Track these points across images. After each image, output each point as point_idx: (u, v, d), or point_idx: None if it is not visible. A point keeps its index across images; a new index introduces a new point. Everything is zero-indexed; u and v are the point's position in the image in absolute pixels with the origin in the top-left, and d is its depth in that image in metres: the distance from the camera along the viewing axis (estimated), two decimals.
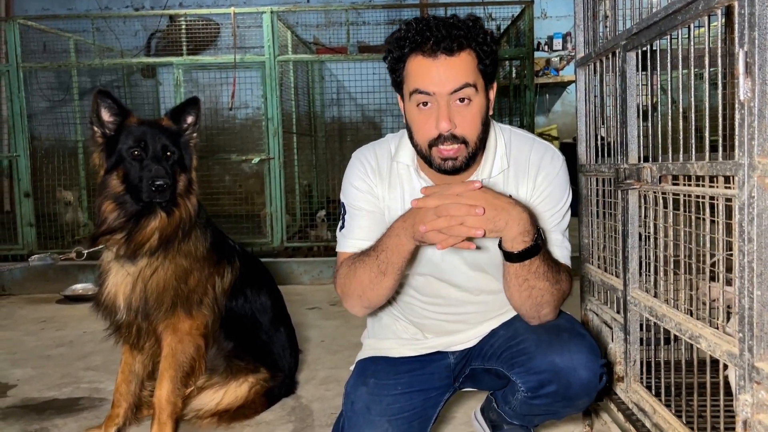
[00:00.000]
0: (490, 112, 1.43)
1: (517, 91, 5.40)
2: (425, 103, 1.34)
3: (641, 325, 1.59)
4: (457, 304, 1.59)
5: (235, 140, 6.42)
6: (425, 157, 1.39)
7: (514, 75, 5.67)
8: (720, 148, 1.18)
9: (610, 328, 1.70)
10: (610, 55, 1.64)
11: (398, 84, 1.41)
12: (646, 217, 1.47)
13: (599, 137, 1.87)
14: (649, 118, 1.45)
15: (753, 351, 0.99)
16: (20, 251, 4.74)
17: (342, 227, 1.55)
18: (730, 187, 1.05)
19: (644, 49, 1.44)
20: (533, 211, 1.45)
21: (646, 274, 1.49)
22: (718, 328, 1.13)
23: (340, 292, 1.51)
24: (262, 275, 2.27)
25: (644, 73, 1.58)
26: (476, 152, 1.38)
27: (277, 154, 4.66)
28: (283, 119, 4.75)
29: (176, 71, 4.66)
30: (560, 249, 1.48)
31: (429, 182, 1.47)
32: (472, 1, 6.74)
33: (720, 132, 1.24)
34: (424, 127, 1.35)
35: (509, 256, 1.30)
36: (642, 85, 1.51)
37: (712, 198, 1.15)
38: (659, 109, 1.81)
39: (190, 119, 2.03)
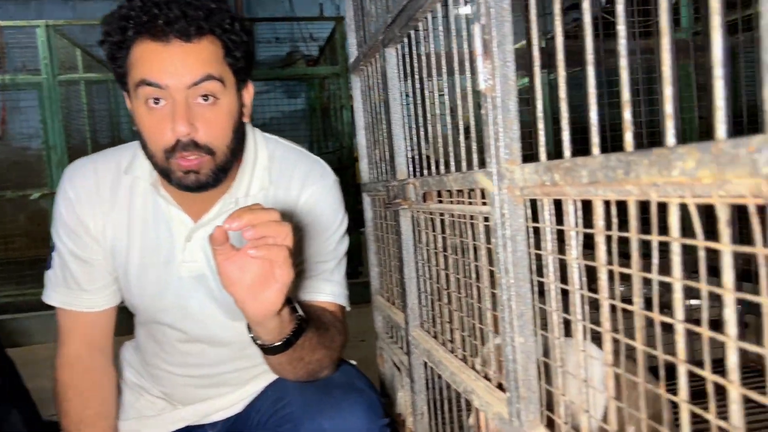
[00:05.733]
0: (246, 118, 1.13)
1: (335, 111, 5.21)
2: (156, 100, 1.00)
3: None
4: (213, 364, 1.26)
5: (26, 173, 5.58)
6: (163, 170, 1.05)
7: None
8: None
9: (401, 371, 1.45)
10: (377, 56, 1.41)
11: (122, 77, 1.05)
12: (420, 242, 1.23)
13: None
14: (420, 129, 1.21)
15: (521, 417, 0.75)
16: None
17: (50, 266, 1.20)
18: (486, 203, 0.82)
19: (403, 44, 1.22)
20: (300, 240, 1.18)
21: (426, 310, 1.25)
22: (491, 381, 0.90)
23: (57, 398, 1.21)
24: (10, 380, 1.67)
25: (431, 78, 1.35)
26: (227, 165, 1.07)
27: None
28: (72, 147, 4.12)
29: None
30: (331, 284, 1.20)
31: (171, 201, 1.13)
32: (287, 17, 6.53)
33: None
34: (157, 131, 1.01)
35: (265, 349, 1.03)
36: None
37: (472, 218, 0.93)
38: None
39: None
